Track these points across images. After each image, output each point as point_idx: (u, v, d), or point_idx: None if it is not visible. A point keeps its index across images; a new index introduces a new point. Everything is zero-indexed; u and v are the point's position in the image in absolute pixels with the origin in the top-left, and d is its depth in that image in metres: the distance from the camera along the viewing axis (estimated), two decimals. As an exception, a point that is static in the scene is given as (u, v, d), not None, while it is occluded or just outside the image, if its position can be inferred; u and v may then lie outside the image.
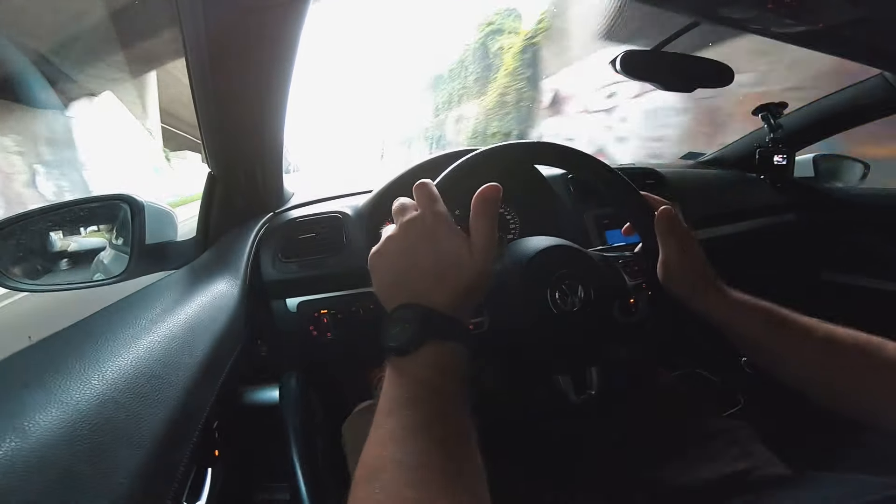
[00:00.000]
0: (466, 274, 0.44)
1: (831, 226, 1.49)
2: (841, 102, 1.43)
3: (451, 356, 0.41)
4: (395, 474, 0.33)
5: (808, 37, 0.85)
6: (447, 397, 0.39)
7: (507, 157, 0.58)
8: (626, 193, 0.66)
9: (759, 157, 1.53)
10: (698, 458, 0.63)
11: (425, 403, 0.38)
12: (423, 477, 0.33)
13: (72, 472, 0.29)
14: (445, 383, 0.39)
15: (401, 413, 0.37)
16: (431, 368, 0.40)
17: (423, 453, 0.34)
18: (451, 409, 0.38)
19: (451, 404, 0.38)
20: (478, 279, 0.44)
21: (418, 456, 0.34)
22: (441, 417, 0.37)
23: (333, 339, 0.92)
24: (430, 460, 0.34)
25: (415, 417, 0.37)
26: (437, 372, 0.40)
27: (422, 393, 0.38)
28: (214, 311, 0.62)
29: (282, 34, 0.61)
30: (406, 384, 0.39)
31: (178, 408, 0.42)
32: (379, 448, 0.36)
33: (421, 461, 0.34)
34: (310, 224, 0.98)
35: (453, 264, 0.44)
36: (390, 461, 0.34)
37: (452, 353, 0.41)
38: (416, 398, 0.38)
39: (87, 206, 0.91)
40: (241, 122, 0.78)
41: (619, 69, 0.97)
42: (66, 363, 0.38)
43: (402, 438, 0.36)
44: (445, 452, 0.35)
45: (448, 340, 0.41)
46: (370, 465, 0.35)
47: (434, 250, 0.44)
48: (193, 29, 0.59)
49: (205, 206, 0.94)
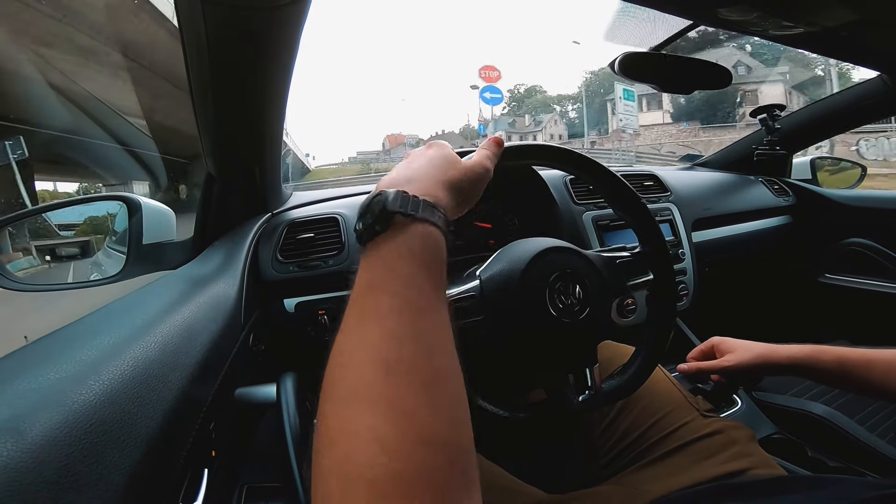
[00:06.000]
0: (452, 168, 0.45)
1: (828, 228, 1.50)
2: (839, 104, 1.43)
3: (420, 239, 0.37)
4: (367, 372, 0.30)
5: (806, 39, 0.85)
6: (412, 282, 0.34)
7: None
8: (626, 195, 0.66)
9: (756, 159, 1.54)
10: (696, 457, 0.63)
11: (386, 291, 0.34)
12: (397, 376, 0.29)
13: (68, 473, 0.29)
14: (411, 268, 0.35)
15: (359, 300, 0.34)
16: (395, 252, 0.36)
17: (384, 344, 0.31)
18: (418, 298, 0.34)
19: (418, 292, 0.34)
20: (464, 174, 0.46)
21: (378, 347, 0.31)
22: (408, 307, 0.33)
23: (331, 339, 0.92)
24: (391, 352, 0.30)
25: (372, 304, 0.33)
26: (400, 255, 0.35)
27: (386, 275, 0.35)
28: (212, 312, 0.62)
29: (281, 35, 0.61)
30: (368, 270, 0.35)
31: (175, 408, 0.42)
32: (342, 336, 0.33)
33: (381, 354, 0.30)
34: (308, 224, 0.98)
35: (440, 157, 0.46)
36: (350, 350, 0.32)
37: (422, 236, 0.37)
38: (378, 285, 0.34)
39: (85, 206, 0.91)
40: (239, 122, 0.78)
41: (618, 71, 0.98)
42: (62, 364, 0.38)
43: (358, 327, 0.33)
44: (414, 344, 0.31)
45: (416, 222, 0.37)
46: (335, 352, 0.33)
47: (427, 153, 0.46)
48: (193, 29, 0.59)
49: (203, 207, 0.94)
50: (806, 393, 1.12)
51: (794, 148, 1.61)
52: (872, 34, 0.85)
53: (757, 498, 0.53)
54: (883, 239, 1.37)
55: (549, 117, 52.33)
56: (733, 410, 1.05)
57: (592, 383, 0.63)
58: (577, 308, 0.58)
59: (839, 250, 1.46)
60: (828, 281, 1.48)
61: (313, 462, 0.28)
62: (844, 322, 1.45)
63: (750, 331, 0.82)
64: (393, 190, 0.38)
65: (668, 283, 0.68)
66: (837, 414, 1.02)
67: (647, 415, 0.70)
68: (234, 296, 0.70)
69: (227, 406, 0.58)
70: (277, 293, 0.92)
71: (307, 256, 0.94)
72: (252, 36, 0.59)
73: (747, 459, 0.62)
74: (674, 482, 0.60)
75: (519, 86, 68.46)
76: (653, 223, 0.67)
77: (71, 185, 17.32)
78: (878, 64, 1.14)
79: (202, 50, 0.61)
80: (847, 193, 1.56)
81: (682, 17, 0.85)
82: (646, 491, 0.60)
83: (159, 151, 12.69)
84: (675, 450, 0.65)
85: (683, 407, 0.70)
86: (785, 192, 1.55)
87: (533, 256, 0.58)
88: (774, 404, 1.10)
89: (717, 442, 0.65)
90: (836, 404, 1.06)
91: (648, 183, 1.31)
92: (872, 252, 1.38)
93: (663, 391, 0.72)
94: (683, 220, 1.25)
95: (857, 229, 1.43)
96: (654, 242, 0.67)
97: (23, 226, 0.96)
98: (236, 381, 0.62)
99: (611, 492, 0.63)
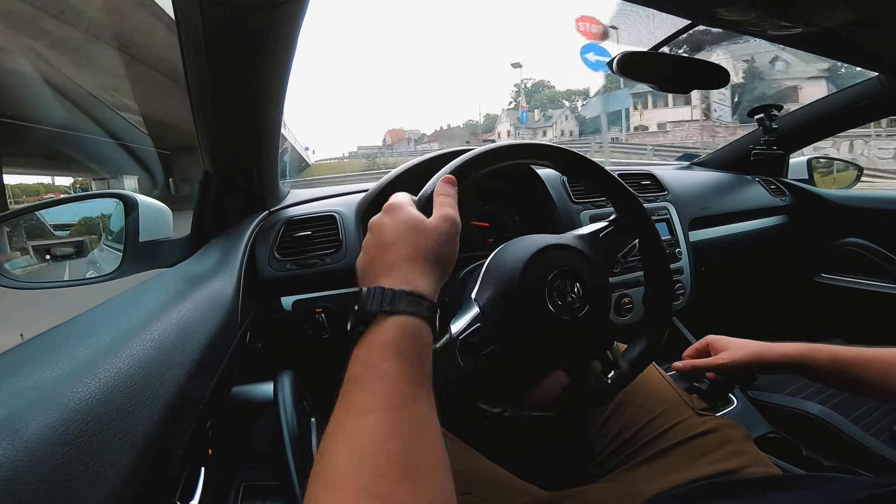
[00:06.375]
0: (421, 237, 0.44)
1: (825, 228, 1.50)
2: (836, 104, 1.44)
3: (398, 331, 0.38)
4: (340, 460, 0.32)
5: (804, 39, 0.86)
6: (389, 378, 0.36)
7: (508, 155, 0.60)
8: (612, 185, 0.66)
9: (753, 159, 1.54)
10: (691, 455, 0.64)
11: (364, 389, 0.35)
12: (370, 465, 0.31)
13: (64, 472, 0.29)
14: (389, 363, 0.36)
15: (344, 398, 0.36)
16: (374, 349, 0.37)
17: (364, 439, 0.32)
18: (396, 393, 0.35)
19: (397, 387, 0.35)
20: (435, 240, 0.45)
21: (359, 442, 0.32)
22: (385, 404, 0.34)
23: (328, 336, 0.92)
24: (370, 446, 0.32)
25: (353, 401, 0.35)
26: (379, 353, 0.37)
27: (366, 373, 0.36)
28: (209, 310, 0.62)
29: (279, 33, 0.61)
30: (354, 366, 0.37)
31: (172, 407, 0.42)
32: (328, 431, 0.34)
33: (361, 448, 0.32)
34: (306, 222, 0.98)
35: (407, 226, 0.45)
36: (334, 445, 0.33)
37: (401, 328, 0.38)
38: (359, 381, 0.36)
39: (81, 204, 0.91)
40: (237, 120, 0.78)
41: (616, 70, 0.98)
42: (58, 362, 0.38)
43: (342, 423, 0.34)
44: (392, 439, 0.32)
45: (394, 315, 0.39)
46: (322, 445, 0.34)
47: (393, 227, 0.45)
48: (190, 27, 0.59)
49: (200, 204, 0.94)
50: (801, 392, 1.12)
51: (791, 148, 1.61)
52: (871, 35, 0.85)
53: (751, 496, 0.53)
54: (879, 239, 1.37)
55: (559, 113, 51.17)
56: (729, 409, 1.06)
57: (616, 361, 0.64)
58: (576, 305, 0.58)
59: (835, 250, 1.46)
60: (824, 280, 1.48)
61: None
62: (840, 321, 1.46)
63: (746, 330, 0.82)
64: (368, 288, 0.40)
65: (652, 241, 0.68)
66: (833, 413, 1.03)
67: (643, 413, 0.70)
68: (230, 294, 0.70)
69: (223, 404, 0.58)
70: (275, 291, 0.92)
71: (304, 254, 0.94)
72: (250, 34, 0.59)
73: (742, 458, 0.62)
74: (669, 480, 0.60)
75: (526, 80, 67.76)
76: (616, 184, 0.66)
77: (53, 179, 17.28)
78: (876, 65, 1.15)
79: (200, 48, 0.61)
80: (843, 193, 1.57)
81: (680, 16, 0.85)
82: (641, 489, 0.60)
83: (152, 145, 12.54)
84: (670, 448, 0.65)
85: (678, 405, 0.70)
86: (782, 192, 1.55)
87: (528, 258, 0.57)
88: (770, 403, 1.10)
89: (711, 440, 0.65)
90: (831, 403, 1.06)
91: (646, 182, 1.31)
92: (868, 252, 1.39)
93: (659, 390, 0.73)
94: (681, 219, 1.26)
95: (853, 229, 1.43)
96: (623, 203, 0.67)
97: (18, 223, 0.96)
98: (233, 380, 0.62)
99: (606, 489, 0.63)
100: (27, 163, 14.03)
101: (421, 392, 0.37)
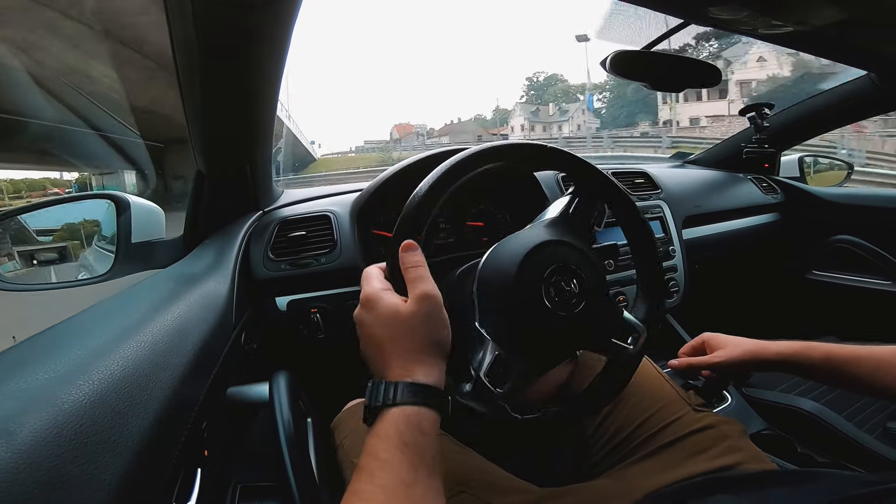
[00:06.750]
0: (399, 321, 0.46)
1: (816, 225, 1.52)
2: (827, 102, 1.45)
3: (402, 422, 0.42)
4: None
5: (795, 38, 0.86)
6: (390, 466, 0.39)
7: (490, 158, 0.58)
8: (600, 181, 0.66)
9: (745, 157, 1.55)
10: (688, 452, 0.64)
11: (367, 478, 0.39)
12: None
13: (59, 474, 0.29)
14: (390, 453, 0.40)
15: (353, 483, 0.40)
16: (379, 440, 0.41)
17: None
18: (396, 480, 0.39)
19: (397, 474, 0.39)
20: (423, 325, 0.46)
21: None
22: (383, 489, 0.38)
23: (324, 336, 0.92)
24: None
25: (358, 487, 0.39)
26: (382, 443, 0.41)
27: (371, 463, 0.40)
28: (203, 311, 0.61)
29: (272, 32, 0.60)
30: (363, 455, 0.41)
31: (167, 408, 0.41)
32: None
33: None
34: (300, 222, 0.97)
35: (390, 319, 0.46)
36: None
37: (404, 418, 0.42)
38: (364, 469, 0.40)
39: (72, 205, 0.90)
40: (230, 119, 0.77)
41: (609, 69, 0.98)
42: (52, 364, 0.37)
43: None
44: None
45: (396, 407, 0.42)
46: None
47: (380, 326, 0.47)
48: (182, 26, 0.58)
49: (193, 204, 0.93)
50: (795, 389, 1.13)
51: (782, 146, 1.63)
52: (860, 33, 0.86)
53: (747, 492, 0.54)
54: (870, 236, 1.39)
55: (575, 107, 48.78)
56: (723, 407, 1.06)
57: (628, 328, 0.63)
58: (573, 301, 0.57)
59: (827, 247, 1.48)
60: (816, 278, 1.49)
61: None
62: (832, 319, 1.47)
63: (739, 327, 0.83)
64: (373, 382, 0.44)
65: (632, 218, 0.67)
66: (826, 410, 1.04)
67: (640, 410, 0.70)
68: (225, 294, 0.70)
69: (218, 405, 0.57)
70: (269, 291, 0.92)
71: (299, 254, 0.93)
72: (242, 33, 0.59)
73: (738, 454, 0.63)
74: (666, 477, 0.60)
75: (538, 73, 65.68)
76: (576, 160, 0.65)
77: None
78: (867, 63, 1.16)
79: (191, 47, 0.60)
80: (834, 191, 1.58)
81: (673, 15, 0.85)
82: (638, 486, 0.60)
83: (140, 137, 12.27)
84: (668, 444, 0.65)
85: (675, 402, 0.71)
86: (773, 190, 1.57)
87: (523, 256, 0.57)
88: (764, 400, 1.11)
89: (708, 437, 0.65)
90: (824, 400, 1.07)
91: (639, 181, 1.31)
92: (860, 249, 1.40)
93: (655, 387, 0.73)
94: (674, 217, 1.26)
95: (844, 226, 1.45)
96: (575, 171, 0.66)
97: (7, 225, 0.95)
98: (228, 380, 0.62)
99: (604, 486, 0.63)
100: (16, 158, 13.79)
101: (426, 473, 0.40)
